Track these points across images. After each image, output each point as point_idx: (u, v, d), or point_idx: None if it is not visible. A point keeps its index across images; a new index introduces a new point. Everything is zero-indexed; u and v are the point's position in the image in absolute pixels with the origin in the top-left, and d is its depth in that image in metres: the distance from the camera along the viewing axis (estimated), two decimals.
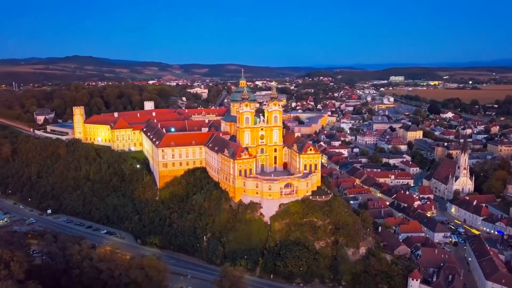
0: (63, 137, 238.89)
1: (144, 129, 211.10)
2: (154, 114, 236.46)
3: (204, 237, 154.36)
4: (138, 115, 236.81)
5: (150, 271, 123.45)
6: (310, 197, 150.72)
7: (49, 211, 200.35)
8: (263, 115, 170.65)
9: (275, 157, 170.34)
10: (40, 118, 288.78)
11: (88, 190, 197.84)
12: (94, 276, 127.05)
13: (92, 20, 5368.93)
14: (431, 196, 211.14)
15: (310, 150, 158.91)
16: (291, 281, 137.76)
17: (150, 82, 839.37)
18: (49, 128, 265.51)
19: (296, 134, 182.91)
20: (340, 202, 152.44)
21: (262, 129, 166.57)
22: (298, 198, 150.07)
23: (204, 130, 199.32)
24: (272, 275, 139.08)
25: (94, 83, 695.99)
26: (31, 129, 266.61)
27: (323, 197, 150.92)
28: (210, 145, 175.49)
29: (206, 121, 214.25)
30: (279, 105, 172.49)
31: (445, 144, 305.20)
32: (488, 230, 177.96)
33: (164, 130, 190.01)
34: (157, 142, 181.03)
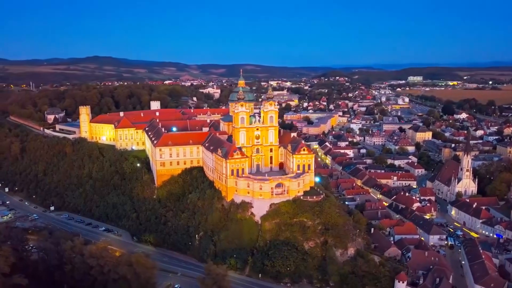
0: (70, 136, 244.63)
1: (146, 129, 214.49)
2: (157, 114, 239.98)
3: (197, 235, 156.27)
4: (142, 115, 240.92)
5: (138, 268, 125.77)
6: (301, 197, 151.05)
7: (52, 208, 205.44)
8: None
9: (271, 157, 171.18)
10: (51, 117, 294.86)
11: (90, 188, 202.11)
12: (85, 272, 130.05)
13: (112, 21, 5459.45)
14: (432, 198, 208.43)
15: (304, 150, 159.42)
16: (279, 280, 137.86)
17: (166, 82, 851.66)
18: (58, 127, 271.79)
19: (292, 134, 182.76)
20: (332, 203, 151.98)
21: (257, 129, 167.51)
22: (289, 198, 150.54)
23: (205, 130, 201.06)
24: (260, 275, 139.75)
25: (110, 83, 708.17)
26: (41, 128, 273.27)
27: (314, 197, 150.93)
28: (206, 144, 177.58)
29: (208, 121, 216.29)
30: (274, 105, 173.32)
31: (452, 145, 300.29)
32: (487, 233, 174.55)
33: (163, 130, 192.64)
34: (155, 141, 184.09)
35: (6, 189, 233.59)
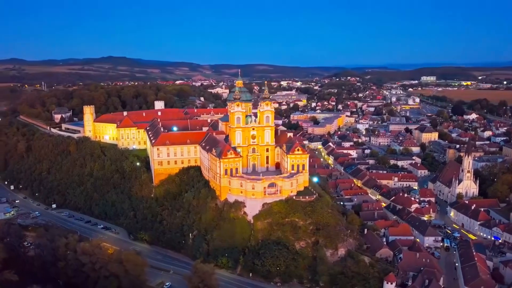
0: (75, 135, 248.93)
1: (147, 128, 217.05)
2: (159, 113, 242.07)
3: (190, 234, 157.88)
4: (144, 114, 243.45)
5: (128, 265, 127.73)
6: (294, 197, 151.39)
7: (54, 206, 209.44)
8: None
9: (267, 157, 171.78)
10: (57, 117, 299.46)
11: (91, 186, 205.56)
12: (78, 269, 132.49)
13: (127, 22, 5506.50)
14: (432, 199, 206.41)
15: (298, 150, 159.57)
16: (269, 280, 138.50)
17: (178, 82, 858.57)
18: (64, 126, 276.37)
19: (288, 135, 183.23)
20: (324, 203, 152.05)
21: (253, 129, 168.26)
22: (282, 198, 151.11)
23: (205, 129, 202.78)
24: (251, 274, 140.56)
25: (121, 83, 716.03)
26: (48, 127, 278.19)
27: (307, 197, 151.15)
28: (203, 144, 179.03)
29: (209, 120, 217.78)
30: (271, 105, 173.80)
31: (457, 146, 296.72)
32: (484, 235, 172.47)
33: (162, 129, 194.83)
34: (153, 141, 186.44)
35: (12, 187, 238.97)
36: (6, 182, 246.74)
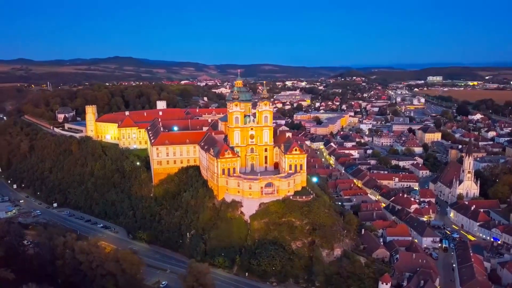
0: (77, 135, 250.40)
1: (148, 128, 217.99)
2: (160, 113, 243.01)
3: (188, 233, 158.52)
4: (145, 114, 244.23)
5: (124, 264, 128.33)
6: (291, 197, 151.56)
7: (55, 205, 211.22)
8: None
9: (266, 157, 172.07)
10: (61, 117, 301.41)
11: (92, 185, 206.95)
12: (75, 267, 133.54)
13: (131, 21, 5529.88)
14: (432, 200, 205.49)
15: (296, 150, 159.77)
16: (265, 280, 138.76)
17: (183, 82, 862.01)
18: (67, 126, 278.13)
19: (287, 135, 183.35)
20: (321, 203, 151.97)
21: (252, 129, 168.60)
22: (279, 198, 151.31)
23: (206, 129, 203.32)
24: (247, 273, 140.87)
25: (125, 83, 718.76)
26: (51, 127, 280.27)
27: (304, 197, 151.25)
28: (202, 144, 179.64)
29: (209, 120, 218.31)
30: (269, 105, 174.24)
31: (460, 146, 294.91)
32: (484, 236, 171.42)
33: (162, 129, 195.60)
34: (152, 140, 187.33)
35: (14, 186, 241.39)
36: (9, 181, 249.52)
